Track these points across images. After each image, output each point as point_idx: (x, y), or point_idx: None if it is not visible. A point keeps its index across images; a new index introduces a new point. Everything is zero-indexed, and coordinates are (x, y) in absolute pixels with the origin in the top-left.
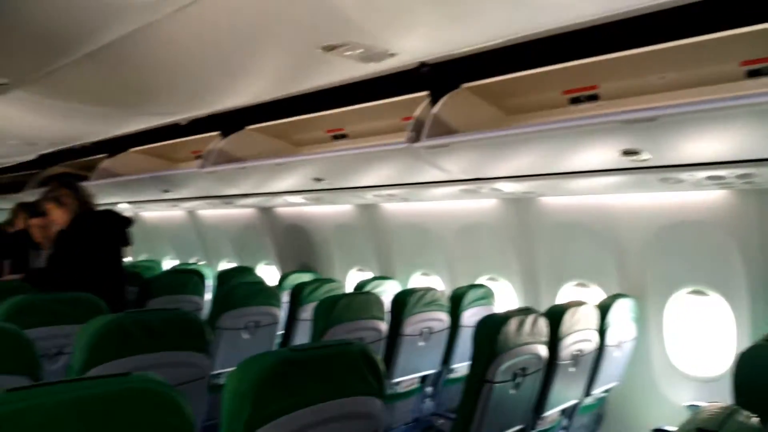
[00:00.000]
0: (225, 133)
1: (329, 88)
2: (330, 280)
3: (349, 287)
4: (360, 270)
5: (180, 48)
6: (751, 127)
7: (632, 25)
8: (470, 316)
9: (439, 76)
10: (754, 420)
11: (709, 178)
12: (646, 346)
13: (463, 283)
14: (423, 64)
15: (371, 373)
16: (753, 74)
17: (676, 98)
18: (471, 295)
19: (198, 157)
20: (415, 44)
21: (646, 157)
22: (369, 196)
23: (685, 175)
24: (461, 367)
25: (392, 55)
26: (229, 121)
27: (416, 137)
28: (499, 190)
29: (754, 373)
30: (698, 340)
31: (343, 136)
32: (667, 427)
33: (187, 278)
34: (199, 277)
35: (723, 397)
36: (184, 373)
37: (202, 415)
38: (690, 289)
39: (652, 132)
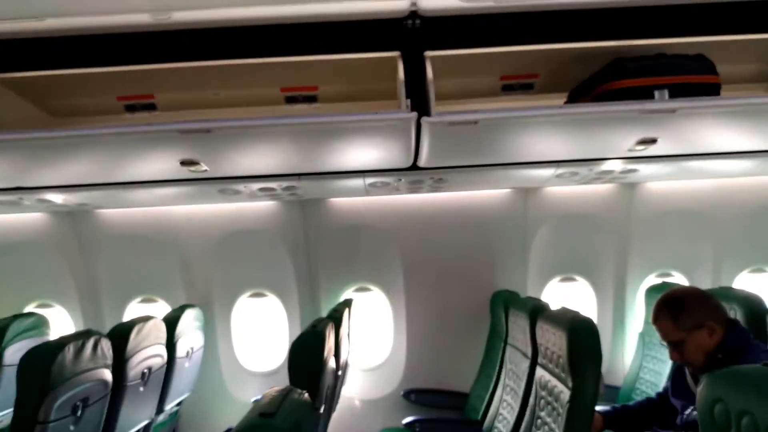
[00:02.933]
0: None
1: None
2: None
3: None
4: None
5: None
6: (291, 146)
7: (190, 37)
8: (16, 352)
9: None
10: (305, 396)
11: (262, 189)
12: (215, 352)
13: (7, 313)
14: None
15: None
16: (290, 100)
17: (230, 114)
18: (16, 327)
19: None
20: None
21: (204, 168)
22: None
23: (241, 187)
24: (6, 414)
25: None
26: None
27: None
28: (49, 202)
29: (303, 357)
30: (261, 338)
31: None
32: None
33: None
34: None
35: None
36: None
37: None
38: (252, 292)
39: (207, 144)
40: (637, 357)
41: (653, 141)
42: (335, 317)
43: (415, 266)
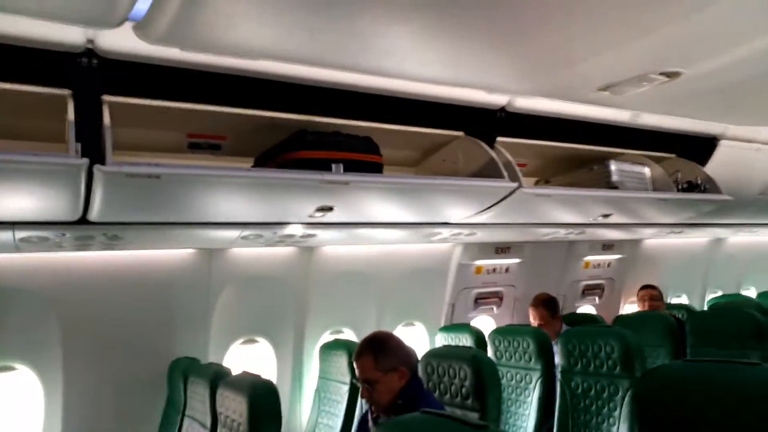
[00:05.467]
0: None
1: None
2: None
3: None
4: None
5: None
6: None
7: None
8: None
9: None
10: None
11: None
12: None
13: None
14: None
15: None
16: None
17: None
18: None
19: None
20: None
21: None
22: None
23: None
24: None
25: None
26: None
27: None
28: None
29: None
30: None
31: None
32: None
33: None
34: None
35: None
36: None
37: None
38: None
39: None
40: (313, 413)
41: (330, 209)
42: None
43: (79, 337)
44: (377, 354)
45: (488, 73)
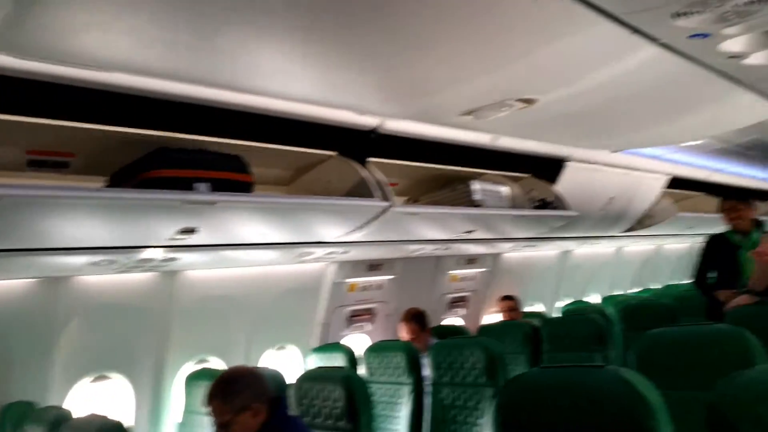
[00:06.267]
0: None
1: None
2: None
3: None
4: None
5: None
6: None
7: None
8: None
9: None
10: None
11: None
12: None
13: None
14: None
15: None
16: None
17: None
18: None
19: None
20: None
21: None
22: None
23: None
24: None
25: None
26: None
27: None
28: None
29: None
30: None
31: None
32: None
33: None
34: None
35: None
36: None
37: None
38: None
39: None
40: None
41: (193, 231)
42: None
43: None
44: (225, 396)
45: (357, 96)
